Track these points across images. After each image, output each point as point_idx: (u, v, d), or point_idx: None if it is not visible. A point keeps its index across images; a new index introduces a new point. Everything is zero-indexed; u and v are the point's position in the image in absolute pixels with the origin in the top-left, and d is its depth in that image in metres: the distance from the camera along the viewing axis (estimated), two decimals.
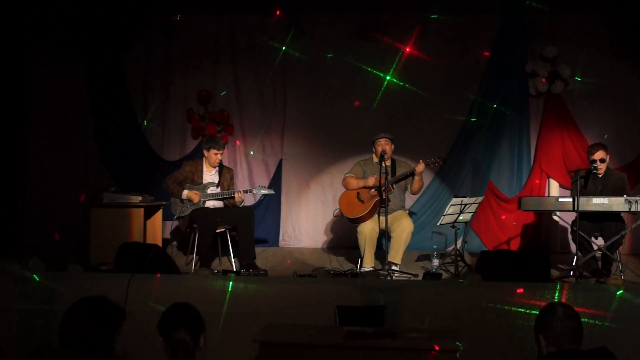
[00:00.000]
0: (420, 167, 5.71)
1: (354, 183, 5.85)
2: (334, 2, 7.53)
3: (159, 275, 4.51)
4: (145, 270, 4.48)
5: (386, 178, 5.43)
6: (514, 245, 7.27)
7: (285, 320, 3.92)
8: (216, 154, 6.00)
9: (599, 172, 5.65)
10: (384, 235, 5.48)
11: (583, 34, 7.40)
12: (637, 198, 5.27)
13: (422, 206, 7.49)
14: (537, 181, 7.38)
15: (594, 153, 5.65)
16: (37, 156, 7.38)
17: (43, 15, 7.20)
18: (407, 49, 7.48)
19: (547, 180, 7.41)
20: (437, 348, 3.22)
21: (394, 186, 5.74)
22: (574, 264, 5.33)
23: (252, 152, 7.80)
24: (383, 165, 5.48)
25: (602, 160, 5.64)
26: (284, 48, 7.70)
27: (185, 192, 5.89)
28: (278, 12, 7.60)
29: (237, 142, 7.84)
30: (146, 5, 7.73)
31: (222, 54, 7.87)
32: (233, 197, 5.92)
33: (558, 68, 7.19)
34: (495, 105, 7.43)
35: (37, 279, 4.42)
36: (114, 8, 7.45)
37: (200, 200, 5.91)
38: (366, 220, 5.67)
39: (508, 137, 7.49)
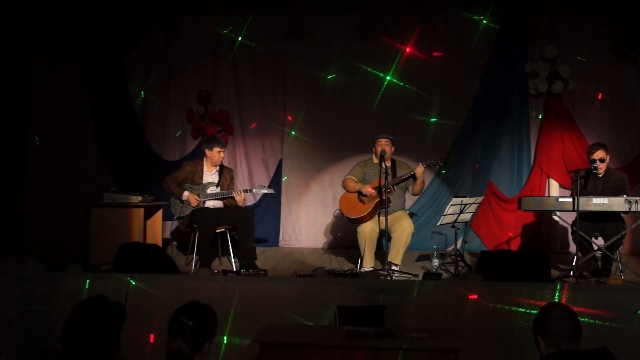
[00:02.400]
0: (419, 169, 5.71)
1: (352, 186, 5.85)
2: (334, 2, 7.52)
3: (159, 275, 4.52)
4: (145, 270, 4.48)
5: (386, 179, 5.42)
6: (514, 245, 7.26)
7: (285, 320, 3.93)
8: (219, 151, 6.01)
9: (598, 172, 5.65)
10: (384, 236, 5.48)
11: (583, 34, 7.39)
12: (637, 198, 5.27)
13: (422, 206, 7.48)
14: (537, 181, 7.37)
15: (594, 153, 5.64)
16: (37, 156, 7.39)
17: (43, 16, 7.22)
18: (407, 49, 7.48)
19: (547, 180, 7.41)
20: (437, 348, 3.23)
21: (395, 187, 5.73)
22: (574, 264, 5.33)
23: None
24: (383, 165, 5.48)
25: (602, 160, 5.64)
26: (283, 48, 7.73)
27: (186, 194, 5.88)
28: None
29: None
30: (146, 6, 7.73)
31: (222, 54, 7.87)
32: (233, 197, 5.92)
33: (558, 68, 7.19)
34: (495, 106, 7.43)
35: (37, 279, 4.43)
36: (114, 9, 7.46)
37: (200, 201, 5.91)
38: (366, 220, 5.67)
39: (508, 137, 7.48)
